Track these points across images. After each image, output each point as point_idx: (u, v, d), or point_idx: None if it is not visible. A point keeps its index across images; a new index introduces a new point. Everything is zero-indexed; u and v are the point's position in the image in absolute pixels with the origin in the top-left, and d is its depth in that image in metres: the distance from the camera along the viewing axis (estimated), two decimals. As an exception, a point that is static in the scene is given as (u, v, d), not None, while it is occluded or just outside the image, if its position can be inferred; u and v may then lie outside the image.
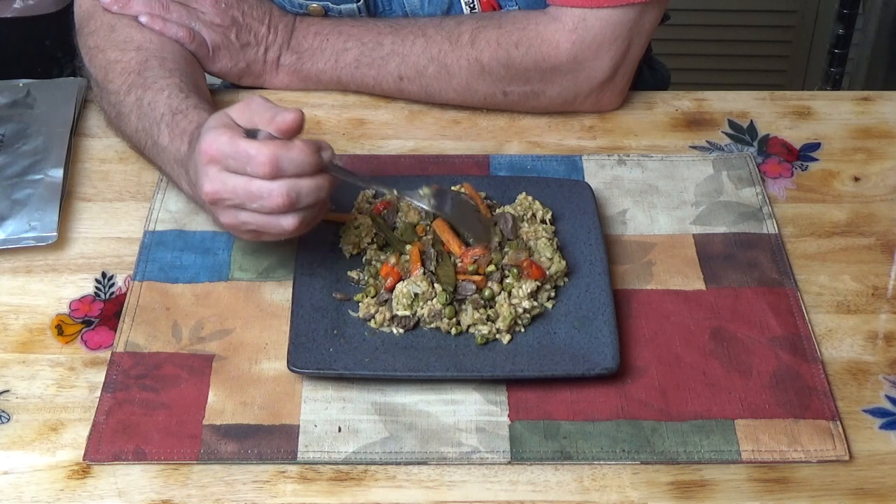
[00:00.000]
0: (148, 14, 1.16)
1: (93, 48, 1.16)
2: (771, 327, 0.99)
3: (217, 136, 0.91)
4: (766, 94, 1.27)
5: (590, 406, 0.92)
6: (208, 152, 0.91)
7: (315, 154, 0.91)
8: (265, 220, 0.93)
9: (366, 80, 1.22)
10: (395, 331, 0.96)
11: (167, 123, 1.04)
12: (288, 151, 0.90)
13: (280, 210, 0.91)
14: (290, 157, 0.90)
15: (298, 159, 0.90)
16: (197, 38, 1.17)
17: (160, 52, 1.14)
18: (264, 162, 0.89)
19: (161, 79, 1.09)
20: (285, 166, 0.90)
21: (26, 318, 1.01)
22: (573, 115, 1.22)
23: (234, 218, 0.94)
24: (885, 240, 1.08)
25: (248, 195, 0.91)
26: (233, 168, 0.91)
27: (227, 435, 0.90)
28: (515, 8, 1.20)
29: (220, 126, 0.92)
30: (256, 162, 0.89)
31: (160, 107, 1.06)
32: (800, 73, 2.51)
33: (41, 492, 0.87)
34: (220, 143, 0.91)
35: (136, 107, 1.08)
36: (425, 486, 0.88)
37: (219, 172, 0.91)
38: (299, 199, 0.91)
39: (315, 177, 0.92)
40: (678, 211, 1.10)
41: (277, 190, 0.90)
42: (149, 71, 1.11)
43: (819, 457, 0.89)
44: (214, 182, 0.92)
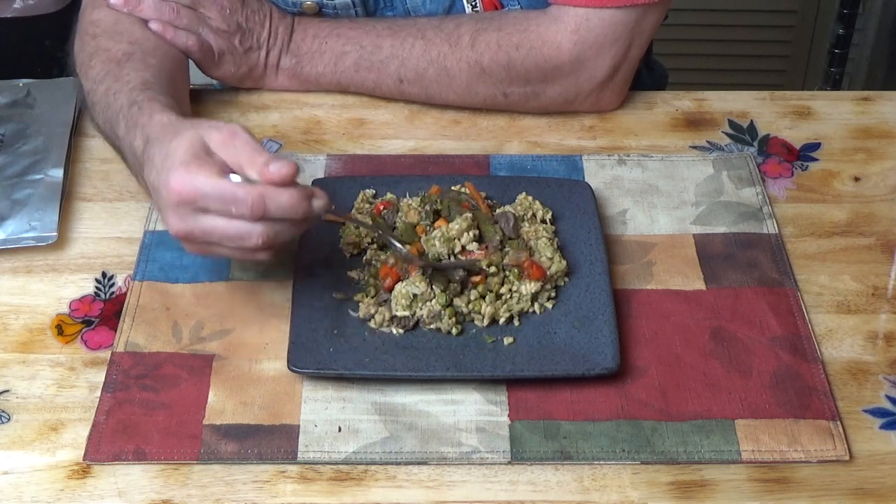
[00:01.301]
0: (158, 21, 1.15)
1: (88, 34, 1.15)
2: (771, 327, 0.99)
3: (192, 175, 0.85)
4: (766, 94, 1.27)
5: (590, 406, 0.92)
6: (182, 193, 0.85)
7: (305, 202, 0.87)
8: (239, 254, 0.90)
9: (366, 84, 1.22)
10: (395, 331, 0.96)
11: (124, 115, 1.01)
12: (278, 196, 0.85)
13: (259, 249, 0.88)
14: (279, 203, 0.85)
15: (287, 205, 0.86)
16: (204, 46, 1.17)
17: (150, 49, 1.12)
18: (251, 204, 0.84)
19: (133, 72, 1.06)
20: (272, 210, 0.85)
21: (26, 318, 1.01)
22: (573, 115, 1.22)
23: (202, 250, 0.91)
24: (885, 240, 1.08)
25: (225, 237, 0.87)
26: (212, 208, 0.86)
27: (228, 435, 0.90)
28: (517, 7, 1.20)
29: (193, 161, 0.86)
30: (242, 204, 0.84)
31: (121, 98, 1.03)
32: (800, 73, 2.51)
33: (41, 492, 0.87)
34: (197, 184, 0.85)
35: (103, 97, 1.06)
36: (425, 486, 0.88)
37: (191, 213, 0.87)
38: (276, 238, 0.88)
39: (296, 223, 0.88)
40: (678, 211, 1.10)
41: (256, 232, 0.86)
42: (128, 63, 1.08)
43: (819, 457, 0.89)
44: (186, 222, 0.87)
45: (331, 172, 1.15)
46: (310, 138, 1.20)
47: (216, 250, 0.90)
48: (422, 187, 1.08)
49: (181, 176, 0.85)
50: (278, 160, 0.86)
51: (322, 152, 1.18)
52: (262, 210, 0.85)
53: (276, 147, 1.19)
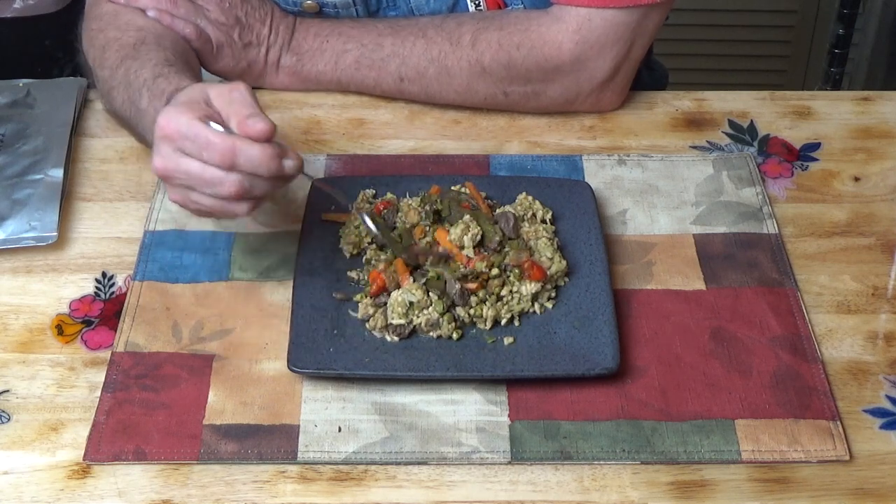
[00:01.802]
0: (156, 9, 1.16)
1: (94, 30, 1.16)
2: (771, 327, 0.99)
3: (178, 114, 0.88)
4: (766, 94, 1.27)
5: (590, 406, 0.92)
6: (165, 129, 0.89)
7: (275, 160, 0.88)
8: (217, 203, 0.91)
9: (366, 82, 1.22)
10: (390, 338, 0.96)
11: (148, 87, 1.03)
12: (249, 148, 0.87)
13: (233, 198, 0.90)
14: (249, 155, 0.87)
15: (256, 159, 0.87)
16: (202, 36, 1.17)
17: (160, 33, 1.14)
18: (221, 152, 0.87)
19: (152, 51, 1.08)
20: (241, 162, 0.87)
21: (26, 318, 1.01)
22: (573, 115, 1.22)
23: (183, 196, 0.92)
24: (885, 240, 1.08)
25: (200, 180, 0.89)
26: (188, 150, 0.88)
27: (227, 435, 0.90)
28: (520, 6, 1.19)
29: (185, 103, 0.90)
30: (213, 150, 0.87)
31: (144, 73, 1.05)
32: (800, 73, 2.51)
33: (41, 492, 0.87)
34: (178, 123, 0.88)
35: (123, 78, 1.07)
36: (425, 486, 0.88)
37: (172, 151, 0.89)
38: (252, 190, 0.89)
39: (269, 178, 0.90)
40: (678, 211, 1.10)
41: (230, 180, 0.88)
42: (143, 46, 1.10)
43: (819, 457, 0.89)
44: (167, 160, 0.90)
45: (331, 172, 1.15)
46: (310, 138, 1.20)
47: (194, 197, 0.91)
48: (422, 187, 1.08)
49: (168, 114, 0.89)
50: (260, 116, 0.88)
51: (322, 152, 1.18)
52: (231, 160, 0.87)
53: (276, 147, 1.19)
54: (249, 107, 0.89)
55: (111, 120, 1.21)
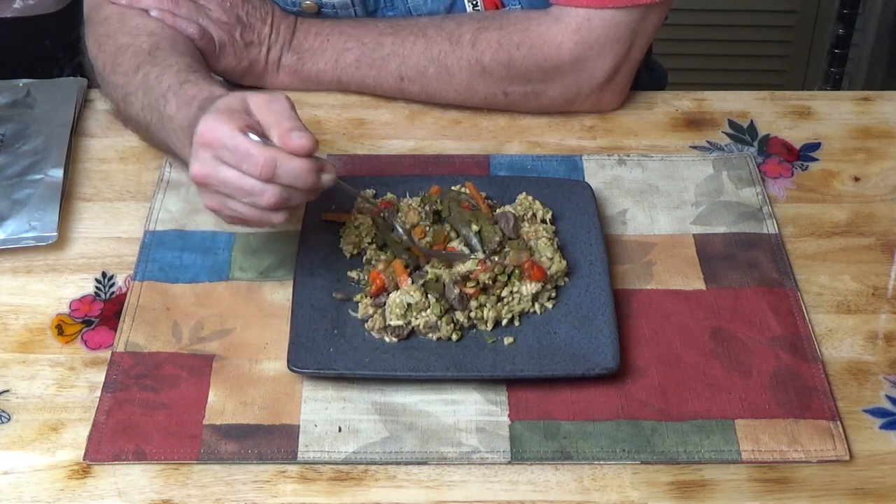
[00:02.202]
0: (158, 9, 1.16)
1: (102, 35, 1.16)
2: (771, 327, 0.99)
3: (219, 123, 0.89)
4: (766, 94, 1.27)
5: (590, 406, 0.92)
6: (205, 136, 0.89)
7: (313, 174, 0.90)
8: (254, 213, 0.92)
9: (366, 81, 1.22)
10: (389, 339, 0.96)
11: (174, 92, 1.03)
12: (289, 161, 0.88)
13: (270, 209, 0.91)
14: (289, 168, 0.88)
15: (296, 173, 0.89)
16: (206, 36, 1.17)
17: (172, 37, 1.14)
18: (261, 164, 0.88)
19: (171, 57, 1.09)
20: (281, 174, 0.88)
21: (26, 318, 1.01)
22: (573, 115, 1.22)
23: (219, 203, 0.93)
24: (885, 240, 1.08)
25: (238, 190, 0.90)
26: (227, 160, 0.89)
27: (228, 435, 0.90)
28: (518, 7, 1.20)
29: (226, 112, 0.90)
30: (253, 162, 0.88)
31: (167, 79, 1.05)
32: (800, 73, 2.51)
33: (41, 492, 0.87)
34: (220, 132, 0.89)
35: (142, 83, 1.08)
36: (425, 486, 0.88)
37: (211, 159, 0.90)
38: (290, 201, 0.91)
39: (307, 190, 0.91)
40: (678, 211, 1.10)
41: (270, 191, 0.89)
42: (159, 51, 1.10)
43: (819, 457, 0.89)
44: (206, 167, 0.90)
45: (331, 172, 1.15)
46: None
47: (231, 205, 0.92)
48: (422, 187, 1.08)
49: (208, 121, 0.90)
50: (302, 130, 0.89)
51: (322, 152, 1.18)
52: (271, 172, 0.88)
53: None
54: (291, 119, 0.90)
55: (111, 120, 1.21)
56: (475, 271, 0.97)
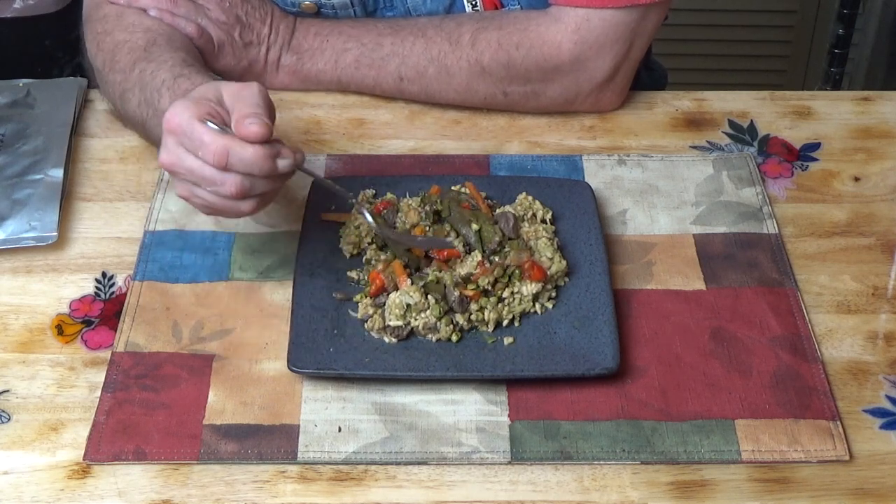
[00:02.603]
0: (157, 9, 1.16)
1: (101, 33, 1.16)
2: (771, 327, 0.99)
3: (183, 109, 0.89)
4: (766, 94, 1.27)
5: (590, 406, 0.92)
6: (170, 123, 0.89)
7: (269, 160, 0.88)
8: (221, 202, 0.91)
9: (366, 81, 1.22)
10: (388, 339, 0.96)
11: (168, 87, 1.03)
12: (242, 149, 0.87)
13: (234, 197, 0.90)
14: (242, 156, 0.87)
15: (249, 160, 0.88)
16: (204, 35, 1.17)
17: (169, 34, 1.14)
18: (214, 152, 0.87)
19: (166, 52, 1.09)
20: (234, 163, 0.88)
21: (26, 318, 1.01)
22: (573, 115, 1.22)
23: (188, 191, 0.92)
24: (885, 240, 1.08)
25: (201, 178, 0.89)
26: (188, 147, 0.89)
27: (227, 435, 0.90)
28: (517, 7, 1.20)
29: (194, 99, 0.90)
30: (206, 150, 0.87)
31: (162, 74, 1.05)
32: (800, 73, 2.51)
33: (41, 492, 0.87)
34: (181, 119, 0.88)
35: (138, 80, 1.08)
36: (425, 486, 0.88)
37: (176, 146, 0.90)
38: (252, 189, 0.90)
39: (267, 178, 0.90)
40: (678, 211, 1.10)
41: (230, 181, 0.88)
42: (155, 47, 1.10)
43: (819, 457, 0.89)
44: (171, 154, 0.90)
45: (331, 172, 1.15)
46: (310, 138, 1.20)
47: (199, 193, 0.91)
48: (422, 187, 1.08)
49: (174, 108, 0.89)
50: (256, 117, 0.88)
51: (322, 152, 1.18)
52: (223, 161, 0.87)
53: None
54: (251, 106, 0.89)
55: (111, 120, 1.21)
56: (475, 274, 0.97)
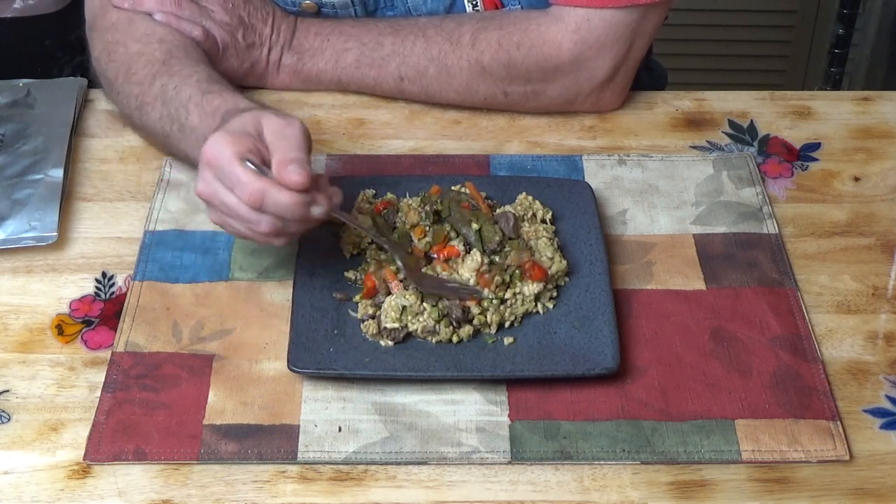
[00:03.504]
0: (161, 12, 1.16)
1: (112, 43, 1.16)
2: (771, 327, 0.99)
3: (223, 144, 0.89)
4: (766, 94, 1.27)
5: (590, 406, 0.92)
6: (206, 155, 0.90)
7: (303, 207, 0.89)
8: (254, 235, 0.92)
9: (366, 81, 1.22)
10: (384, 343, 0.96)
11: (196, 104, 1.03)
12: (278, 194, 0.88)
13: (267, 236, 0.91)
14: (277, 200, 0.88)
15: (283, 205, 0.88)
16: (210, 38, 1.17)
17: (183, 44, 1.14)
18: (250, 194, 0.88)
19: (188, 67, 1.09)
20: (269, 206, 0.88)
21: (26, 318, 1.01)
22: (573, 115, 1.22)
23: (222, 220, 0.93)
24: (885, 240, 1.09)
25: (236, 214, 0.91)
26: (224, 183, 0.90)
27: (228, 435, 0.90)
28: (518, 7, 1.20)
29: (234, 133, 0.90)
30: (243, 190, 0.88)
31: (188, 89, 1.05)
32: (800, 73, 2.51)
33: (41, 492, 0.87)
34: (220, 154, 0.89)
35: (160, 94, 1.08)
36: (425, 486, 0.88)
37: (213, 180, 0.91)
38: (286, 229, 0.91)
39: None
40: (678, 211, 1.10)
41: (265, 221, 0.90)
42: (174, 60, 1.10)
43: (819, 457, 0.89)
44: (208, 186, 0.91)
45: (331, 172, 1.15)
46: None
47: (232, 224, 0.93)
48: (422, 187, 1.08)
49: (213, 141, 0.90)
50: (299, 164, 0.88)
51: (322, 152, 1.18)
52: (258, 203, 0.88)
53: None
54: (295, 150, 0.89)
55: (111, 120, 1.21)
56: (477, 287, 0.97)
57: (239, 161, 0.88)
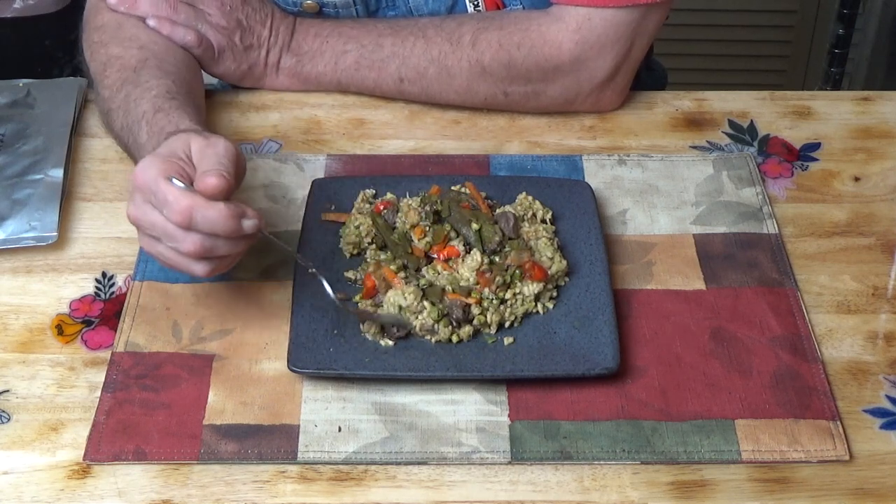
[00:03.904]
0: (156, 17, 1.16)
1: (96, 42, 1.16)
2: (771, 327, 0.99)
3: (150, 166, 0.88)
4: (766, 94, 1.27)
5: (590, 406, 0.92)
6: (137, 179, 0.89)
7: (233, 220, 0.88)
8: (178, 259, 0.91)
9: (366, 83, 1.22)
10: (384, 343, 0.96)
11: (147, 121, 1.03)
12: (205, 209, 0.87)
13: (193, 256, 0.90)
14: (206, 216, 0.87)
15: (213, 219, 0.87)
16: (204, 43, 1.17)
17: (162, 54, 1.13)
18: (177, 211, 0.87)
19: (153, 78, 1.08)
20: (199, 222, 0.87)
21: (26, 318, 1.01)
22: (573, 115, 1.22)
23: (150, 246, 0.92)
24: (885, 240, 1.08)
25: (164, 233, 0.89)
26: (153, 203, 0.89)
27: (228, 435, 0.90)
28: (519, 7, 1.20)
29: (163, 155, 0.90)
30: (171, 209, 0.87)
31: (144, 104, 1.05)
32: (800, 73, 2.51)
33: (41, 492, 0.87)
34: (147, 177, 0.88)
35: (123, 103, 1.08)
36: (425, 486, 0.88)
37: (142, 202, 0.90)
38: (213, 251, 0.90)
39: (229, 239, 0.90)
40: (678, 211, 1.10)
41: (191, 238, 0.88)
42: (144, 69, 1.10)
43: (819, 457, 0.89)
44: (137, 209, 0.90)
45: (331, 172, 1.15)
46: (310, 138, 1.20)
47: (158, 248, 0.91)
48: (422, 187, 1.08)
49: (142, 164, 0.90)
50: (215, 171, 0.87)
51: (322, 152, 1.18)
52: (188, 219, 0.87)
53: (276, 147, 1.19)
54: (213, 163, 0.89)
55: (111, 120, 1.22)
56: (477, 287, 0.97)
57: (165, 180, 0.88)
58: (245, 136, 1.20)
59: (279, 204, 1.10)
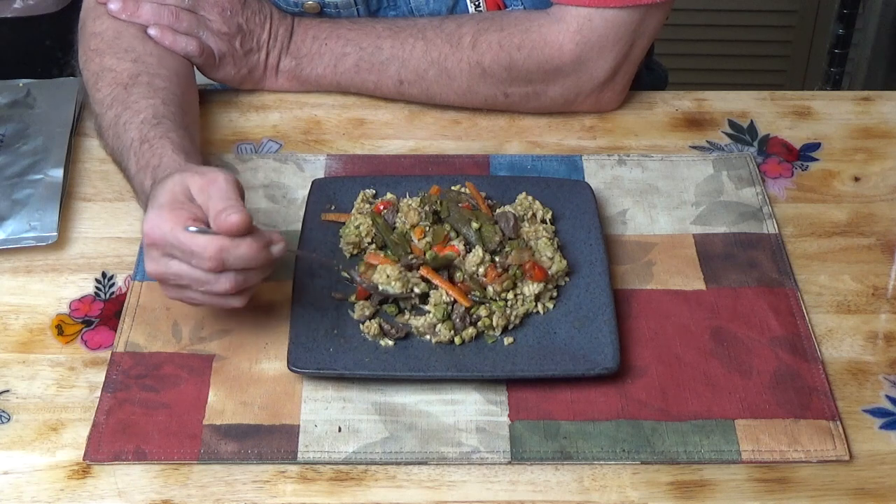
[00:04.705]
0: (157, 26, 1.15)
1: (92, 50, 1.15)
2: (771, 327, 0.99)
3: (160, 221, 0.88)
4: (766, 94, 1.27)
5: (590, 406, 0.92)
6: (150, 236, 0.88)
7: (263, 250, 0.88)
8: (212, 299, 0.91)
9: (366, 85, 1.21)
10: (384, 343, 0.96)
11: (135, 152, 1.02)
12: (235, 248, 0.87)
13: (228, 294, 0.90)
14: (237, 255, 0.87)
15: (245, 256, 0.87)
16: (206, 51, 1.17)
17: (155, 67, 1.12)
18: (209, 258, 0.86)
19: (143, 98, 1.07)
20: (231, 262, 0.87)
21: (26, 318, 1.01)
22: (573, 115, 1.22)
23: (179, 294, 0.92)
24: (885, 240, 1.08)
25: (193, 281, 0.89)
26: (177, 256, 0.88)
27: (227, 435, 0.90)
28: (520, 7, 1.19)
29: (167, 205, 0.89)
30: (200, 258, 0.87)
31: (132, 131, 1.04)
32: (800, 73, 2.51)
33: (41, 492, 0.87)
34: (163, 232, 0.87)
35: (113, 124, 1.07)
36: (425, 486, 0.88)
37: (161, 256, 0.89)
38: (246, 283, 0.90)
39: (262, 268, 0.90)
40: (678, 211, 1.10)
41: (224, 279, 0.88)
42: (136, 87, 1.09)
43: (819, 457, 0.89)
44: (158, 265, 0.90)
45: (331, 172, 1.15)
46: (310, 138, 1.20)
47: (189, 295, 0.91)
48: (422, 187, 1.08)
49: (152, 220, 0.88)
50: (234, 209, 0.87)
51: (322, 152, 1.18)
52: (221, 263, 0.87)
53: (276, 147, 1.19)
54: (225, 200, 0.88)
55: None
56: (485, 280, 0.97)
57: (184, 230, 0.87)
58: (245, 136, 1.20)
59: (279, 204, 1.10)
